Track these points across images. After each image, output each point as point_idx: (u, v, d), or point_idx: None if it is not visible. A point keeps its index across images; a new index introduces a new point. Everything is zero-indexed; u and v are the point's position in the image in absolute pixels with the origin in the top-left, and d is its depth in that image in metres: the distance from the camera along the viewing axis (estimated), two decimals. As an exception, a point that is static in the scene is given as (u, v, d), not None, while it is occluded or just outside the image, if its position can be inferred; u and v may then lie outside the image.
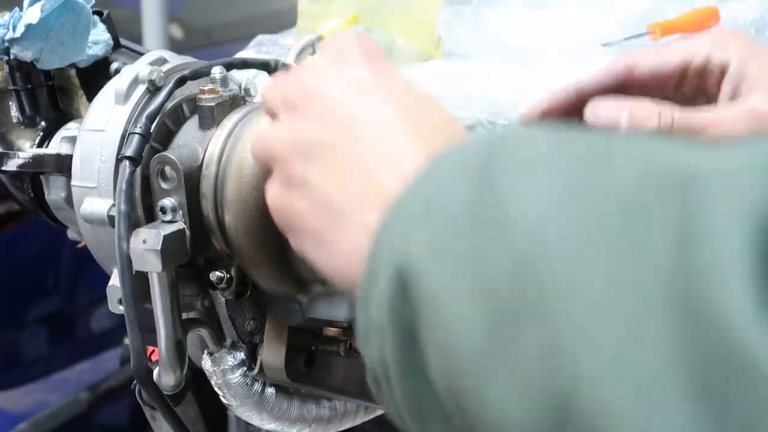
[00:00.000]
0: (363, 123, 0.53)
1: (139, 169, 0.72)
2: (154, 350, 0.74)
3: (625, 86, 0.70)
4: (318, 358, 0.82)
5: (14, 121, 0.85)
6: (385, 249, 0.44)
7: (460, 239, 0.40)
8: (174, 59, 0.80)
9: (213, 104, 0.74)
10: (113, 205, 0.73)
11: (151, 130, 0.73)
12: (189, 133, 0.76)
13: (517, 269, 0.37)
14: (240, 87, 0.79)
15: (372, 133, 0.52)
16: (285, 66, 0.84)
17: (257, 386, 0.82)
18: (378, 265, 0.44)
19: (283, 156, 0.56)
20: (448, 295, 0.39)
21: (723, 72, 0.68)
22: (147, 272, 0.70)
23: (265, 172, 0.70)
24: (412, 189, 0.45)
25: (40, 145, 0.84)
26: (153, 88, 0.76)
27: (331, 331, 0.80)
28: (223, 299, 0.78)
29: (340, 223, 0.52)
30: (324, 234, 0.54)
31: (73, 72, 0.86)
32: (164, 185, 0.72)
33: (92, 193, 0.75)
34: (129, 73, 0.77)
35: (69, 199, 0.79)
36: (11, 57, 0.81)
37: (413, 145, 0.51)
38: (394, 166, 0.50)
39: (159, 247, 0.69)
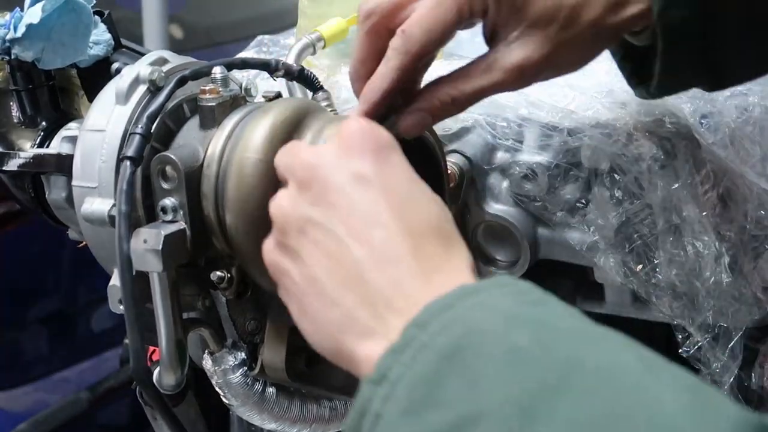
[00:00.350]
0: (355, 214, 0.58)
1: (139, 169, 0.72)
2: (154, 350, 0.74)
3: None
4: (318, 358, 0.82)
5: (15, 121, 0.85)
6: (370, 420, 0.51)
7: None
8: (175, 59, 0.80)
9: (214, 104, 0.74)
10: (114, 205, 0.73)
11: (152, 130, 0.73)
12: (190, 133, 0.76)
13: None
14: (240, 87, 0.79)
15: (362, 227, 0.57)
16: (285, 66, 0.85)
17: (258, 386, 0.82)
18: (362, 428, 0.51)
19: (282, 223, 0.62)
20: None
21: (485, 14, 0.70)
22: (148, 272, 0.70)
23: (266, 174, 0.70)
24: (394, 361, 0.51)
25: (40, 145, 0.84)
26: (154, 88, 0.76)
27: (332, 331, 0.80)
28: (223, 299, 0.78)
29: (321, 302, 0.58)
30: (306, 304, 0.60)
31: (74, 72, 0.86)
32: (165, 185, 0.72)
33: (93, 193, 0.75)
34: (130, 73, 0.77)
35: (70, 199, 0.79)
36: (12, 57, 0.81)
37: (399, 248, 0.56)
38: (377, 267, 0.56)
39: (160, 247, 0.69)
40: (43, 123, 0.84)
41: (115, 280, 0.74)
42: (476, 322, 0.51)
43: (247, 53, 1.10)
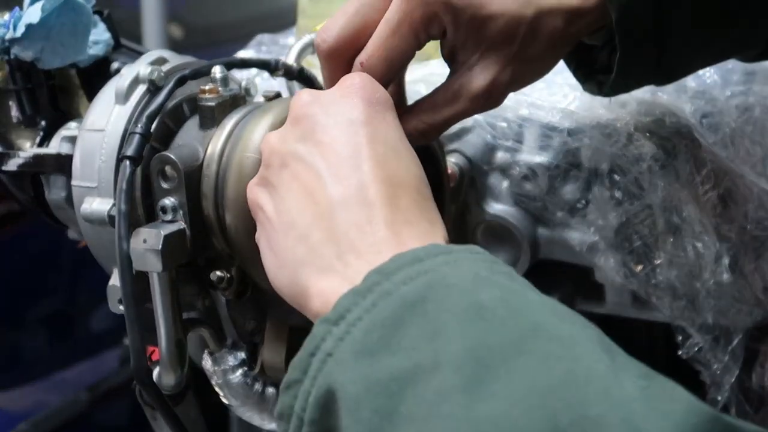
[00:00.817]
0: (338, 154, 0.59)
1: (139, 169, 0.72)
2: (154, 350, 0.74)
3: None
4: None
5: (14, 120, 0.85)
6: (320, 359, 0.50)
7: (384, 397, 0.47)
8: (174, 59, 0.80)
9: (213, 104, 0.74)
10: (113, 204, 0.73)
11: (152, 130, 0.73)
12: (189, 132, 0.76)
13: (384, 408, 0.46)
14: (240, 86, 0.79)
15: (342, 167, 0.58)
16: (285, 65, 0.84)
17: (258, 386, 0.82)
18: (310, 366, 0.51)
19: (267, 157, 0.63)
20: (352, 405, 0.47)
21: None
22: (147, 272, 0.70)
23: None
24: (351, 301, 0.51)
25: (40, 145, 0.84)
26: (153, 88, 0.76)
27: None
28: (223, 299, 0.78)
29: (289, 236, 0.59)
30: (274, 239, 0.61)
31: (73, 71, 0.86)
32: (165, 185, 0.72)
33: (92, 193, 0.75)
34: (129, 72, 0.77)
35: (69, 199, 0.79)
36: (12, 57, 0.81)
37: (374, 194, 0.57)
38: (348, 208, 0.57)
39: (159, 247, 0.69)
40: (43, 123, 0.84)
41: (114, 280, 0.74)
42: (444, 277, 0.51)
43: (246, 53, 1.10)
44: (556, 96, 0.86)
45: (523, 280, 0.53)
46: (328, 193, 0.58)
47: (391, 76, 0.70)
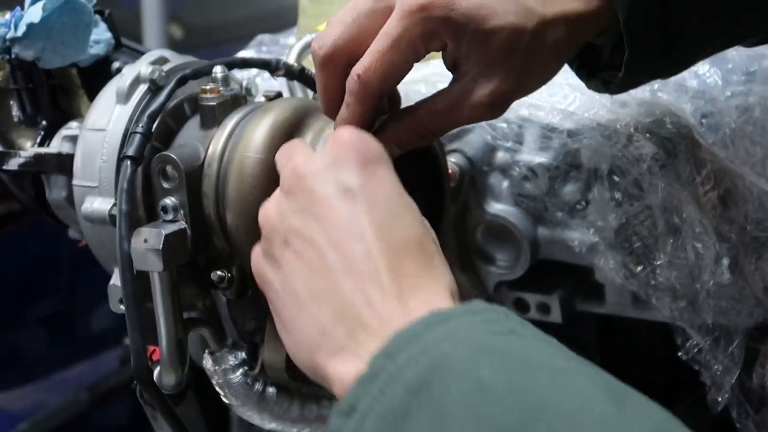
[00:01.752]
0: (338, 226, 0.58)
1: (140, 169, 0.72)
2: (155, 350, 0.74)
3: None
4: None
5: (15, 120, 0.85)
6: None
7: None
8: (175, 59, 0.80)
9: (214, 103, 0.75)
10: (114, 204, 0.73)
11: (153, 130, 0.73)
12: (190, 132, 0.76)
13: None
14: (241, 86, 0.79)
15: (343, 239, 0.58)
16: (286, 65, 0.85)
17: (258, 386, 0.81)
18: None
19: (268, 232, 0.63)
20: None
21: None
22: (148, 272, 0.70)
23: (267, 172, 0.70)
24: (363, 393, 0.51)
25: (41, 145, 0.84)
26: (154, 88, 0.76)
27: (332, 331, 0.80)
28: (224, 299, 0.78)
29: (298, 315, 0.59)
30: (285, 318, 0.61)
31: (74, 71, 0.86)
32: (165, 184, 0.72)
33: (93, 193, 0.75)
34: (130, 72, 0.77)
35: (70, 199, 0.79)
36: (13, 56, 0.81)
37: (377, 264, 0.57)
38: (353, 281, 0.57)
39: (160, 247, 0.69)
40: (44, 122, 0.84)
41: (115, 280, 0.74)
42: (444, 355, 0.51)
43: (246, 53, 1.10)
44: (556, 97, 0.86)
45: (523, 328, 0.53)
46: (332, 269, 0.57)
47: (387, 89, 0.69)
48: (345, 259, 0.57)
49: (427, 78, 0.88)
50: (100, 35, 0.84)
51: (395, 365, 0.51)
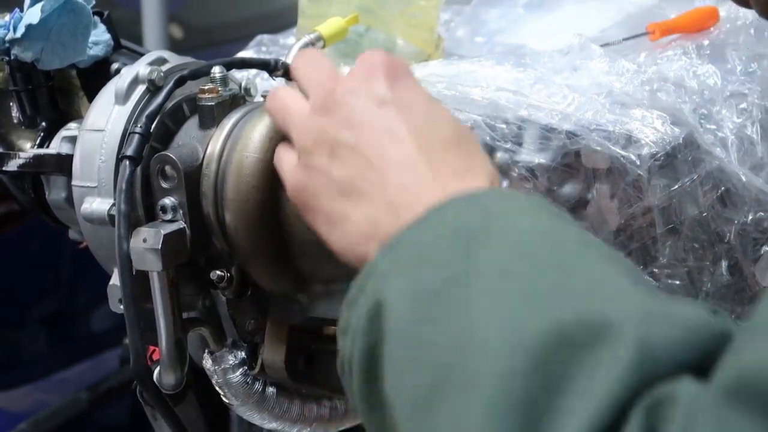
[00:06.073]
0: (378, 134, 0.62)
1: (139, 169, 0.73)
2: (154, 350, 0.74)
3: None
4: (318, 357, 0.82)
5: (15, 121, 0.85)
6: (374, 278, 0.55)
7: (429, 303, 0.52)
8: (174, 59, 0.80)
9: (213, 104, 0.75)
10: (113, 204, 0.73)
11: (151, 130, 0.73)
12: (189, 132, 0.76)
13: (456, 350, 0.48)
14: (240, 87, 0.79)
15: (385, 145, 0.62)
16: (285, 65, 0.84)
17: (258, 385, 0.82)
18: (366, 285, 0.56)
19: (310, 145, 0.65)
20: (405, 341, 0.52)
21: None
22: (147, 271, 0.70)
23: (265, 171, 0.70)
24: (406, 232, 0.56)
25: (40, 146, 0.84)
26: (153, 88, 0.76)
27: (332, 330, 0.80)
28: (223, 298, 0.78)
29: (352, 213, 0.62)
30: (336, 219, 0.63)
31: (73, 72, 0.86)
32: (164, 184, 0.72)
33: (92, 193, 0.75)
34: (129, 73, 0.77)
35: (69, 199, 0.79)
36: (12, 57, 0.81)
37: (419, 161, 0.61)
38: (400, 177, 0.61)
39: (159, 247, 0.69)
40: (43, 123, 0.84)
41: (114, 280, 0.74)
42: (498, 209, 0.55)
43: (246, 53, 1.10)
44: (555, 97, 0.86)
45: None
46: (378, 169, 0.61)
47: None
48: (389, 160, 0.61)
49: (426, 78, 0.88)
50: (99, 36, 0.84)
51: (442, 213, 0.56)
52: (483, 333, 0.48)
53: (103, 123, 0.76)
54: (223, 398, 0.81)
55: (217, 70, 0.76)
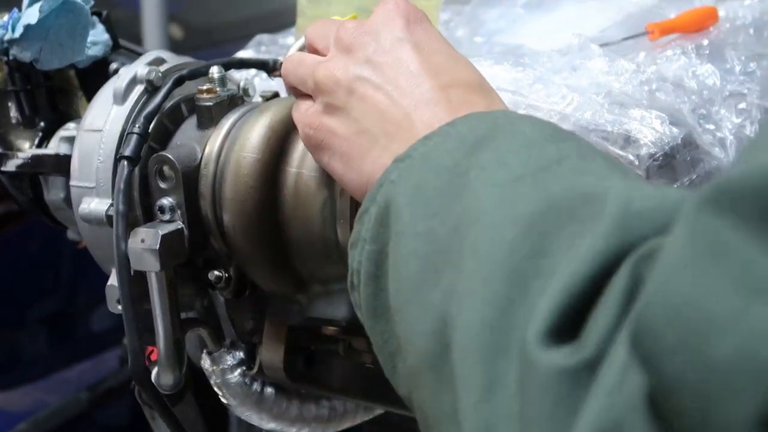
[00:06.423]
0: (400, 70, 0.63)
1: (137, 169, 0.73)
2: (153, 350, 0.74)
3: None
4: (317, 357, 0.82)
5: (13, 121, 0.85)
6: (386, 182, 0.56)
7: (432, 198, 0.53)
8: (172, 59, 0.80)
9: (211, 104, 0.75)
10: (111, 204, 0.73)
11: (150, 130, 0.73)
12: (187, 132, 0.76)
13: (453, 233, 0.50)
14: (238, 87, 0.79)
15: (406, 80, 0.63)
16: (284, 66, 0.84)
17: (256, 386, 0.82)
18: (378, 193, 0.56)
19: (329, 86, 0.65)
20: (407, 236, 0.53)
21: None
22: (145, 272, 0.70)
23: (263, 173, 0.70)
24: (419, 143, 0.56)
25: (39, 146, 0.84)
26: (151, 88, 0.76)
27: (330, 331, 0.80)
28: (222, 299, 0.78)
29: (370, 148, 0.62)
30: (354, 155, 0.63)
31: (72, 72, 0.86)
32: (162, 185, 0.72)
33: (91, 193, 0.75)
34: (127, 73, 0.77)
35: (68, 200, 0.79)
36: (10, 58, 0.81)
37: (440, 96, 0.61)
38: (421, 112, 0.61)
39: (157, 247, 0.69)
40: (42, 123, 0.84)
41: (113, 280, 0.74)
42: (505, 120, 0.56)
43: (245, 53, 1.10)
44: (554, 97, 0.86)
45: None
46: (402, 105, 0.61)
47: None
48: (413, 96, 0.62)
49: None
50: (98, 36, 0.84)
51: (454, 128, 0.56)
52: (478, 213, 0.49)
53: (102, 123, 0.76)
54: (222, 398, 0.81)
55: (215, 71, 0.76)
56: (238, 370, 0.80)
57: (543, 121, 0.58)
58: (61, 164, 0.80)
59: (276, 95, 0.81)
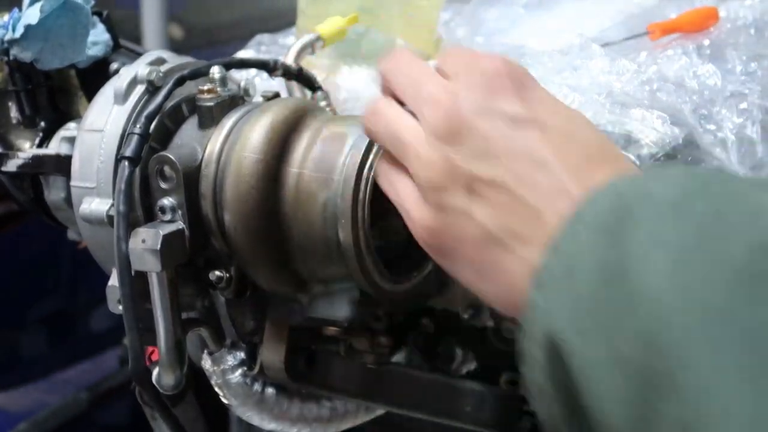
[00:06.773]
0: (519, 159, 0.55)
1: (138, 169, 0.72)
2: (153, 350, 0.74)
3: None
4: (318, 357, 0.82)
5: (14, 121, 0.85)
6: (536, 314, 0.49)
7: (595, 312, 0.45)
8: (173, 59, 0.80)
9: (212, 104, 0.75)
10: (112, 205, 0.73)
11: (150, 130, 0.73)
12: (188, 132, 0.76)
13: (643, 342, 0.42)
14: (239, 87, 0.79)
15: (528, 171, 0.54)
16: (284, 66, 0.85)
17: (257, 386, 0.82)
18: (531, 328, 0.49)
19: (440, 181, 0.57)
20: (593, 371, 0.45)
21: None
22: (146, 272, 0.70)
23: (265, 173, 0.70)
24: (554, 253, 0.49)
25: (39, 146, 0.84)
26: (152, 88, 0.76)
27: (331, 331, 0.80)
28: (222, 299, 0.78)
29: (502, 257, 0.55)
30: (485, 265, 0.56)
31: (72, 72, 0.86)
32: (163, 185, 0.72)
33: (91, 193, 0.75)
34: (128, 73, 0.77)
35: (69, 200, 0.79)
36: (11, 58, 0.81)
37: (568, 183, 0.53)
38: (550, 207, 0.53)
39: (158, 247, 0.69)
40: (42, 123, 0.84)
41: (113, 281, 0.74)
42: (631, 189, 0.49)
43: (245, 53, 1.10)
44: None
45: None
46: (527, 206, 0.54)
47: None
48: (536, 191, 0.54)
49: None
50: (98, 36, 0.84)
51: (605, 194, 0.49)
52: (656, 302, 0.42)
53: (102, 123, 0.76)
54: (223, 399, 0.81)
55: (216, 71, 0.76)
56: (239, 371, 0.80)
57: (663, 173, 0.50)
58: (62, 164, 0.80)
59: (277, 95, 0.81)
